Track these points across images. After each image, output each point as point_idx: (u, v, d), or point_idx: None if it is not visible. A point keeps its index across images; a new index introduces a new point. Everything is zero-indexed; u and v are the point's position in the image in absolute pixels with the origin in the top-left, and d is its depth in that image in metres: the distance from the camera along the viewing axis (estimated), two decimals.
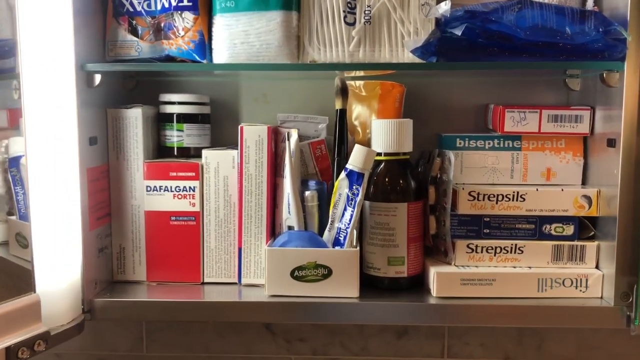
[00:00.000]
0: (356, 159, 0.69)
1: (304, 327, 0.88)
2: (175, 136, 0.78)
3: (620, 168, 0.66)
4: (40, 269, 0.65)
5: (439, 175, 0.74)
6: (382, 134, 0.72)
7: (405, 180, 0.72)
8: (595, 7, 0.71)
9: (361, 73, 0.79)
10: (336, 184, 0.70)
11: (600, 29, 0.64)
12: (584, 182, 0.76)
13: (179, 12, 0.72)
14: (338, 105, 0.74)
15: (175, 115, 0.78)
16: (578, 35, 0.64)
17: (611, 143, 0.68)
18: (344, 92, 0.74)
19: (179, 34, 0.73)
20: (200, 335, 0.89)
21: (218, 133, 0.83)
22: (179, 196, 0.74)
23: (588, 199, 0.71)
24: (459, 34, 0.64)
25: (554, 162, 0.75)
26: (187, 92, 0.81)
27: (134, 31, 0.74)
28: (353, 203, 0.69)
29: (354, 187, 0.69)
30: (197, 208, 0.75)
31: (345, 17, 0.71)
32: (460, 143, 0.76)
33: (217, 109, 0.83)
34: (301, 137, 0.77)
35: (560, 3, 0.71)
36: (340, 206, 0.70)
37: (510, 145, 0.75)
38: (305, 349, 0.89)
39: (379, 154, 0.72)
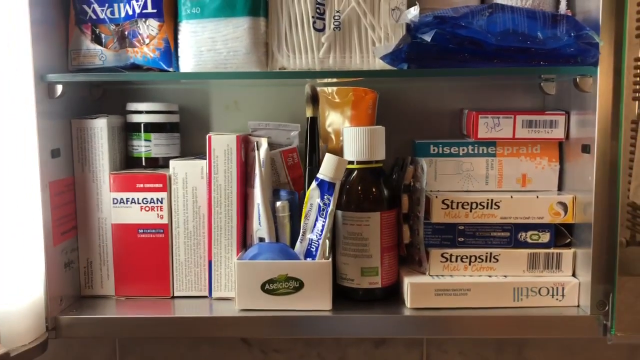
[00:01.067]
0: (327, 169, 0.67)
1: (280, 338, 0.86)
2: (143, 146, 0.76)
3: (595, 174, 0.65)
4: None
5: (412, 183, 0.72)
6: (353, 141, 0.70)
7: (378, 189, 0.70)
8: (569, 11, 0.69)
9: (333, 80, 0.77)
10: (307, 194, 0.69)
11: (572, 34, 0.63)
12: (560, 188, 0.74)
13: (143, 19, 0.70)
14: (309, 113, 0.73)
15: (142, 125, 0.76)
16: (550, 40, 0.63)
17: (586, 149, 0.67)
18: (314, 99, 0.72)
19: (144, 41, 0.71)
20: (175, 348, 0.87)
21: (188, 142, 0.81)
22: (147, 208, 0.72)
23: (564, 205, 0.70)
24: (429, 39, 0.63)
25: (530, 168, 0.74)
26: (155, 100, 0.79)
27: (97, 39, 0.72)
28: (324, 213, 0.68)
29: (325, 197, 0.67)
30: (165, 220, 0.73)
31: (314, 22, 0.70)
32: (434, 150, 0.74)
33: (187, 117, 0.81)
34: (273, 145, 0.76)
35: (533, 7, 0.69)
36: (311, 217, 0.69)
37: (485, 152, 0.74)
38: None
39: (351, 163, 0.70)
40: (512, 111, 0.73)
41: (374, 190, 0.70)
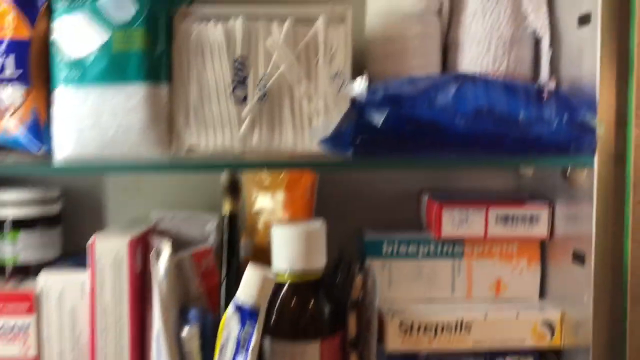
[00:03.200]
0: (247, 290, 0.50)
1: None
2: (9, 250, 0.58)
3: (593, 291, 0.51)
4: None
5: (360, 298, 0.56)
6: (284, 246, 0.54)
7: (317, 309, 0.54)
8: (553, 78, 0.55)
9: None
10: (222, 320, 0.52)
11: (564, 115, 0.49)
12: (541, 295, 0.60)
13: (3, 83, 0.53)
14: (227, 207, 0.56)
15: (7, 222, 0.58)
16: (535, 123, 0.49)
17: (579, 259, 0.53)
18: (234, 190, 0.56)
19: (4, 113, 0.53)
20: None
21: (74, 236, 0.63)
22: (8, 338, 0.54)
23: (550, 325, 0.56)
24: (379, 123, 0.47)
25: (505, 272, 0.60)
26: (28, 184, 0.60)
27: None
28: (246, 346, 0.51)
29: (246, 326, 0.51)
30: (32, 352, 0.54)
31: (233, 89, 0.54)
32: (387, 249, 0.59)
33: (73, 204, 0.64)
34: (183, 242, 0.59)
35: (507, 73, 0.56)
36: (228, 352, 0.51)
37: (451, 252, 0.59)
38: None
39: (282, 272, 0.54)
40: (483, 201, 0.58)
41: (310, 309, 0.54)
